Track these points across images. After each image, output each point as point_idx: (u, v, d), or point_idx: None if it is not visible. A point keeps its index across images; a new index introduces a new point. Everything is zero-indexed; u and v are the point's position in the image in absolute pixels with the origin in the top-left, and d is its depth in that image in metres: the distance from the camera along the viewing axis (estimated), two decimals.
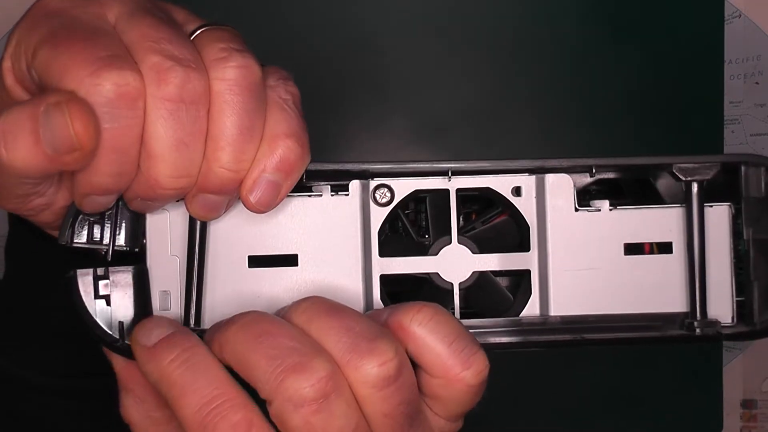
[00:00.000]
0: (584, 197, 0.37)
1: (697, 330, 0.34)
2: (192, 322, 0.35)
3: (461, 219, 0.39)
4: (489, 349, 0.32)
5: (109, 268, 0.35)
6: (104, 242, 0.35)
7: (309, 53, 0.69)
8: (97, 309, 0.35)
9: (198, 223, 0.35)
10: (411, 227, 0.39)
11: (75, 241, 0.35)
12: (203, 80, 0.30)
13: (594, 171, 0.35)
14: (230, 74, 0.30)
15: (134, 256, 0.36)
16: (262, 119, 0.31)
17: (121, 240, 0.35)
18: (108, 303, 0.35)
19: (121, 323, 0.35)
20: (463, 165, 0.36)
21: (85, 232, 0.35)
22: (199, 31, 0.32)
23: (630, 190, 0.39)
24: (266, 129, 0.32)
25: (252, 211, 0.32)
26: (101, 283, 0.35)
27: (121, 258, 0.35)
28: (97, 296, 0.35)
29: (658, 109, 0.70)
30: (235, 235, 0.36)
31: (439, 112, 0.70)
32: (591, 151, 0.70)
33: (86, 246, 0.35)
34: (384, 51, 0.69)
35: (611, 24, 0.70)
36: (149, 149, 0.30)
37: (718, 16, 0.71)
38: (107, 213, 0.35)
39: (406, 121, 0.70)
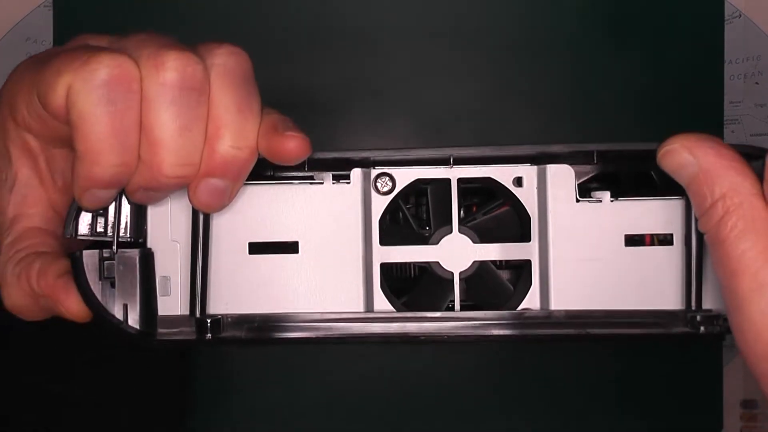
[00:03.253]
0: (584, 195, 0.37)
1: (702, 328, 0.34)
2: (198, 309, 0.35)
3: (462, 211, 0.39)
4: (492, 342, 0.32)
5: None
6: (108, 234, 0.35)
7: (309, 54, 0.69)
8: (101, 291, 0.34)
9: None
10: (412, 219, 0.39)
11: (79, 233, 0.35)
12: (201, 65, 0.31)
13: (596, 158, 0.35)
14: (224, 59, 0.31)
15: (137, 245, 0.36)
16: (258, 100, 0.32)
17: (124, 231, 0.35)
18: (113, 285, 0.34)
19: (125, 305, 0.35)
20: (464, 151, 0.36)
21: (88, 225, 0.35)
22: None
23: (630, 185, 0.39)
24: None
25: (290, 156, 0.33)
26: (106, 264, 0.34)
27: (123, 246, 0.35)
28: (102, 278, 0.34)
29: (658, 109, 0.70)
30: (236, 221, 0.36)
31: (439, 112, 0.70)
32: None
33: (90, 238, 0.35)
34: (384, 51, 0.70)
35: (611, 24, 0.70)
36: (152, 137, 0.30)
37: (718, 16, 0.71)
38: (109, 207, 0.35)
39: (406, 121, 0.70)
